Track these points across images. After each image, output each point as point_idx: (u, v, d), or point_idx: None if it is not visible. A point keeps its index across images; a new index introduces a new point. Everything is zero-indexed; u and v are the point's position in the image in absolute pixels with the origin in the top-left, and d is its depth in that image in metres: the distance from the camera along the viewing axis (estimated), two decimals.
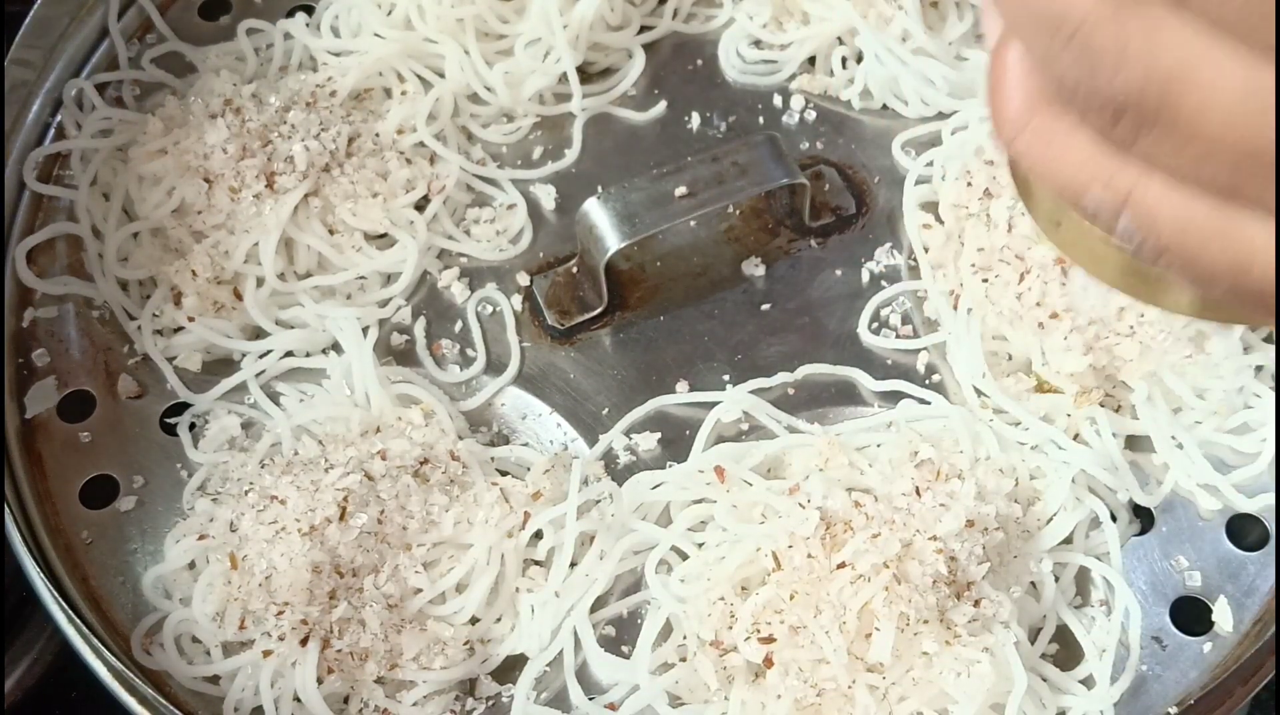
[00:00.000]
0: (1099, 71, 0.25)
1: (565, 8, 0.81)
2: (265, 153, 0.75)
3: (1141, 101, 0.25)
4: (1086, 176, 0.28)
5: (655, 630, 0.64)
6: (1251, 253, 0.27)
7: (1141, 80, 0.25)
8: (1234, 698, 0.61)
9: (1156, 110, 0.25)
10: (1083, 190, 0.29)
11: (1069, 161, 0.28)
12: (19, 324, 0.75)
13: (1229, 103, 0.25)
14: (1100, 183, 0.28)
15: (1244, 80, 0.25)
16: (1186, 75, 0.25)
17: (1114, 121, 0.26)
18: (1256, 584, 0.66)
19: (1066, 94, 0.27)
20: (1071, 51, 0.26)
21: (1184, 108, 0.25)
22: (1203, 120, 0.25)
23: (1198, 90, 0.25)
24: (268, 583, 0.63)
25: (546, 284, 0.77)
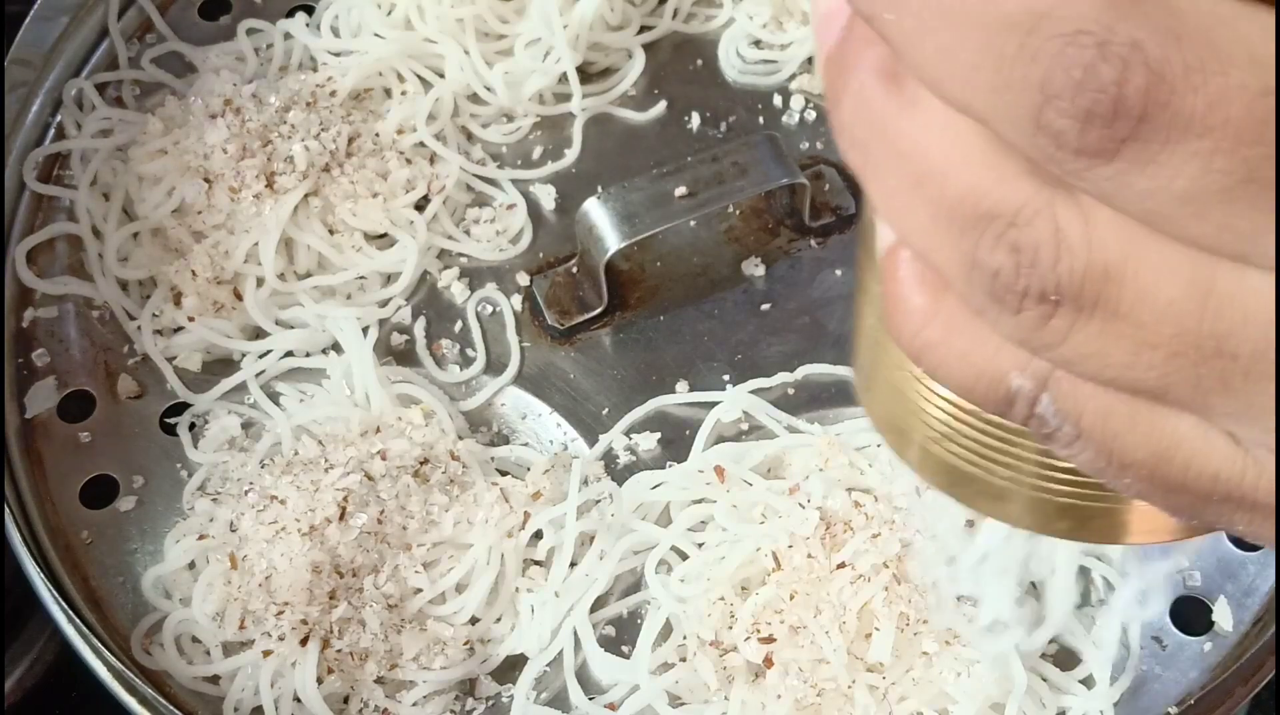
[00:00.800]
0: (1038, 261, 0.24)
1: (565, 8, 0.81)
2: (265, 153, 0.75)
3: (1081, 292, 0.23)
4: (1005, 363, 0.26)
5: (655, 630, 0.64)
6: (1176, 442, 0.26)
7: (1081, 267, 0.23)
8: (1234, 697, 0.61)
9: (1095, 300, 0.24)
10: (1000, 378, 0.26)
11: (984, 354, 0.26)
12: (19, 324, 0.75)
13: (1169, 298, 0.23)
14: (1019, 368, 0.26)
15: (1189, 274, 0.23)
16: (1127, 264, 0.23)
17: (1047, 318, 0.24)
18: (1256, 584, 0.66)
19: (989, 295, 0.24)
20: (1004, 246, 0.24)
21: (1123, 305, 0.24)
22: (1143, 315, 0.24)
23: (1139, 284, 0.23)
24: (268, 583, 0.63)
25: (546, 284, 0.77)
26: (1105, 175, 0.22)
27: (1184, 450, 0.26)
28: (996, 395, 0.27)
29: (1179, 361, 0.24)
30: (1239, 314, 0.23)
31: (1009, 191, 0.24)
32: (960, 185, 0.24)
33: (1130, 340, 0.24)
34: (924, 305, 0.27)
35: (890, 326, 0.28)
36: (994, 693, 0.60)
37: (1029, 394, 0.26)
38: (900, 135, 0.25)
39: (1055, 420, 0.26)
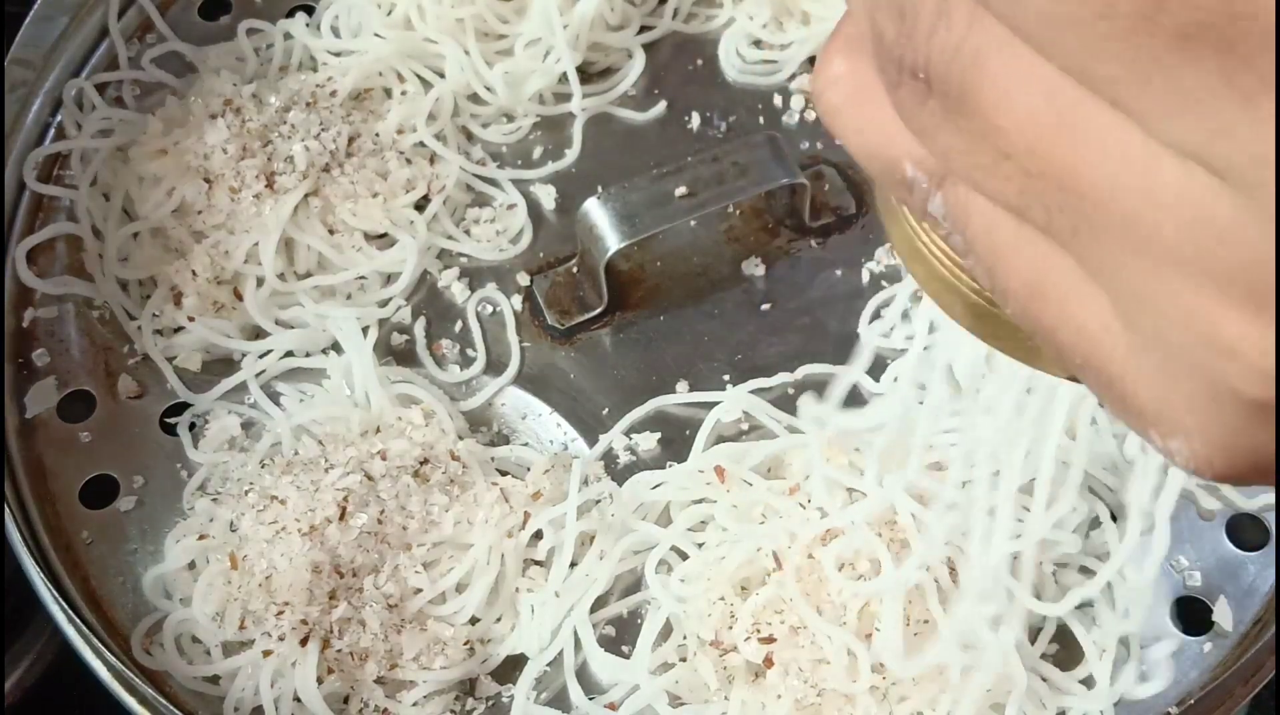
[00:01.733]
0: (915, 30, 0.23)
1: (565, 8, 0.81)
2: (265, 153, 0.75)
3: (947, 76, 0.22)
4: (901, 149, 0.25)
5: (655, 630, 0.64)
6: (1051, 279, 0.24)
7: (953, 52, 0.22)
8: (1234, 698, 0.61)
9: (960, 93, 0.22)
10: (895, 161, 0.26)
11: (883, 131, 0.25)
12: (19, 324, 0.75)
13: (1028, 107, 0.22)
14: (914, 157, 0.25)
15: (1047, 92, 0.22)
16: (993, 65, 0.22)
17: (923, 97, 0.23)
18: (1257, 584, 0.66)
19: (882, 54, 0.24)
20: (893, 9, 0.23)
21: (984, 99, 0.22)
22: (999, 117, 0.22)
23: (1001, 83, 0.22)
24: (268, 583, 0.63)
25: (546, 284, 0.77)
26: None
27: (1057, 290, 0.24)
28: (892, 177, 0.26)
29: (1034, 182, 0.23)
30: (1092, 153, 0.22)
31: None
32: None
33: (990, 145, 0.23)
34: (841, 64, 0.26)
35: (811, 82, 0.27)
36: (995, 693, 0.60)
37: (923, 187, 0.26)
38: None
39: (946, 224, 0.26)
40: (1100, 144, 0.22)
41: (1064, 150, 0.22)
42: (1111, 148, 0.22)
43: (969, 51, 0.22)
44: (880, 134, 0.26)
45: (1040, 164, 0.22)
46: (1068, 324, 0.24)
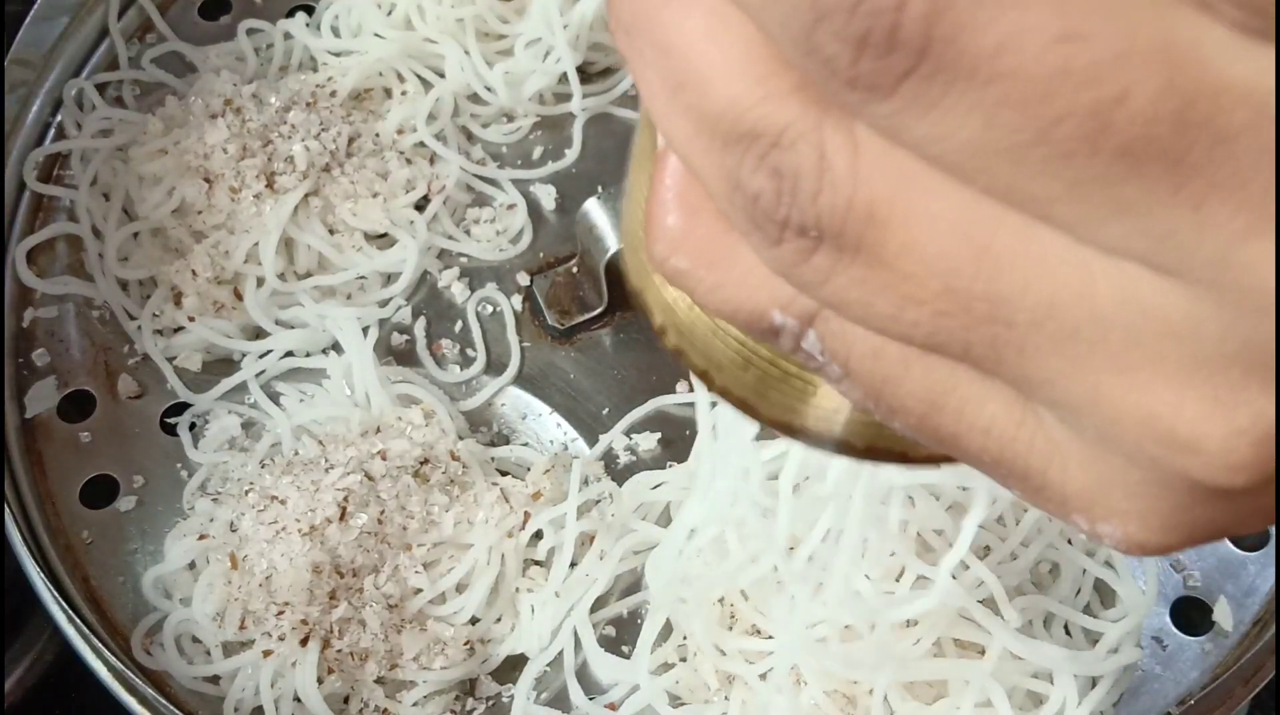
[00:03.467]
0: (798, 189, 0.21)
1: (565, 8, 0.81)
2: (265, 153, 0.75)
3: (842, 232, 0.21)
4: (766, 298, 0.23)
5: (655, 630, 0.64)
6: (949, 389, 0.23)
7: (845, 205, 0.21)
8: (1234, 698, 0.61)
9: (857, 247, 0.21)
10: (761, 312, 0.24)
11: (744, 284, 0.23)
12: (19, 324, 0.75)
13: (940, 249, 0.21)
14: (781, 303, 0.23)
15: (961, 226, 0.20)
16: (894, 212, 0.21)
17: (808, 254, 0.21)
18: (1257, 584, 0.66)
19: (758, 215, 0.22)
20: (765, 169, 0.21)
21: (887, 249, 0.21)
22: (907, 265, 0.21)
23: (906, 230, 0.21)
24: (268, 583, 0.63)
25: (547, 284, 0.77)
26: (881, 113, 0.19)
27: (957, 400, 0.23)
28: (759, 327, 0.24)
29: (947, 321, 0.21)
30: (1018, 278, 0.21)
31: (774, 109, 0.21)
32: (722, 95, 0.21)
33: (895, 292, 0.21)
34: (679, 225, 0.24)
35: (645, 246, 0.25)
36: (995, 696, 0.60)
37: (794, 329, 0.24)
38: (665, 26, 0.22)
39: (822, 358, 0.24)
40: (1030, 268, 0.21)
41: (986, 283, 0.21)
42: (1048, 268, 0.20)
43: (863, 202, 0.21)
44: (740, 289, 0.24)
45: (958, 303, 0.21)
46: (972, 429, 0.23)
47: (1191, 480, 0.21)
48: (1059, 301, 0.21)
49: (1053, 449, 0.23)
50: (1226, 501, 0.22)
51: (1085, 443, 0.23)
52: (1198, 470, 0.21)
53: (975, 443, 0.24)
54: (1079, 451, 0.23)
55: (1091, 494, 0.23)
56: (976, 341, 0.21)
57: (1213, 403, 0.21)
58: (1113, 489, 0.23)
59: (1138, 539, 0.23)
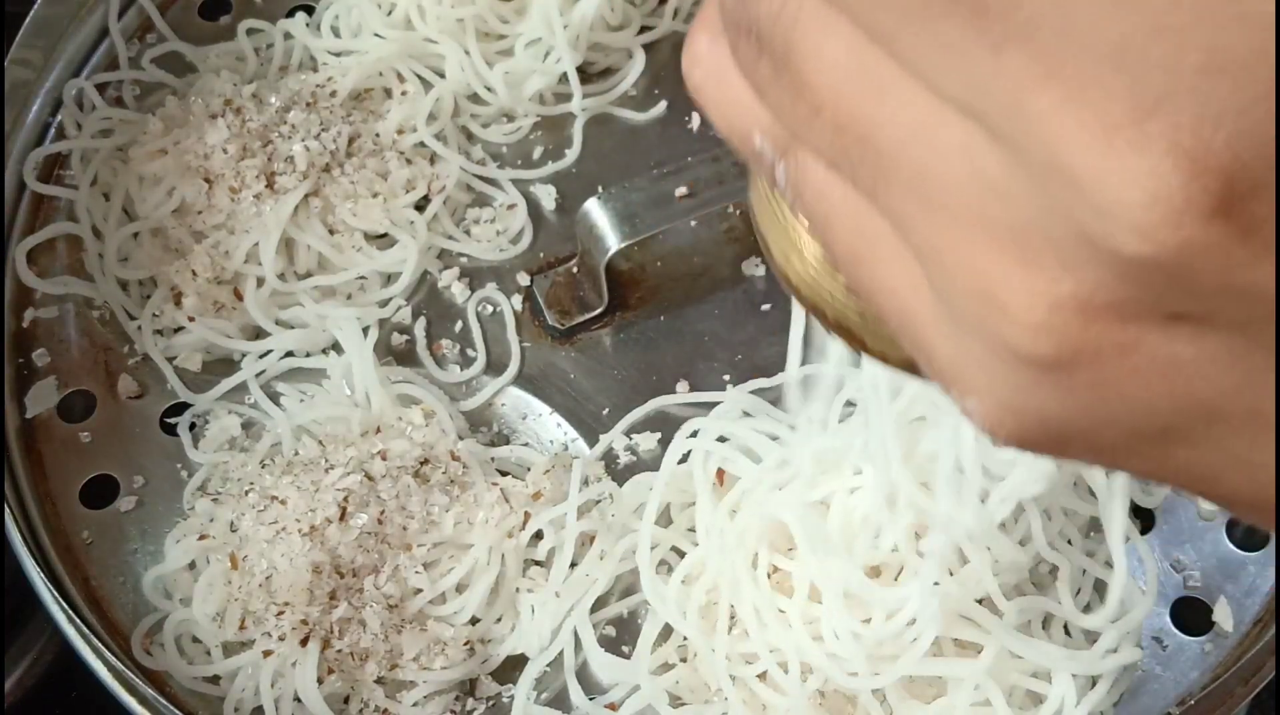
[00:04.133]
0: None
1: (565, 8, 0.81)
2: (265, 153, 0.75)
3: (772, 35, 0.24)
4: (751, 119, 0.26)
5: (655, 631, 0.64)
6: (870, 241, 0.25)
7: (777, 10, 0.24)
8: (1234, 698, 0.61)
9: (784, 50, 0.23)
10: (746, 132, 0.27)
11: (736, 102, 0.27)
12: (19, 324, 0.75)
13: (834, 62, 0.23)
14: (762, 128, 0.26)
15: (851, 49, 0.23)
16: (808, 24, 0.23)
17: (756, 56, 0.25)
18: (1257, 584, 0.66)
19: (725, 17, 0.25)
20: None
21: (799, 55, 0.24)
22: (811, 73, 0.24)
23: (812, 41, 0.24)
24: (268, 583, 0.63)
25: (547, 284, 0.77)
26: None
27: (873, 253, 0.25)
28: (746, 149, 0.27)
29: (840, 137, 0.24)
30: (886, 110, 0.23)
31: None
32: None
33: (806, 100, 0.24)
34: (703, 44, 0.27)
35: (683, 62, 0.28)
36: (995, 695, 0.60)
37: (770, 158, 0.27)
38: None
39: (789, 193, 0.27)
40: (892, 98, 0.23)
41: (863, 104, 0.23)
42: (902, 102, 0.22)
43: (790, 12, 0.24)
44: (735, 106, 0.27)
45: (844, 117, 0.23)
46: (883, 286, 0.25)
47: (1010, 347, 0.22)
48: (913, 137, 0.22)
49: (934, 316, 0.24)
50: (1056, 388, 0.23)
51: (944, 305, 0.24)
52: (1007, 331, 0.22)
53: (885, 303, 0.25)
54: (945, 320, 0.24)
55: (955, 365, 0.24)
56: (858, 162, 0.24)
57: (1020, 265, 0.22)
58: (967, 359, 0.24)
59: (994, 416, 0.24)
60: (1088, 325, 0.21)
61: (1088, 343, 0.22)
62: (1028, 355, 0.22)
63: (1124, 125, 0.19)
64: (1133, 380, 0.22)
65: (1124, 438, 0.23)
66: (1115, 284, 0.21)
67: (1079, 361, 0.22)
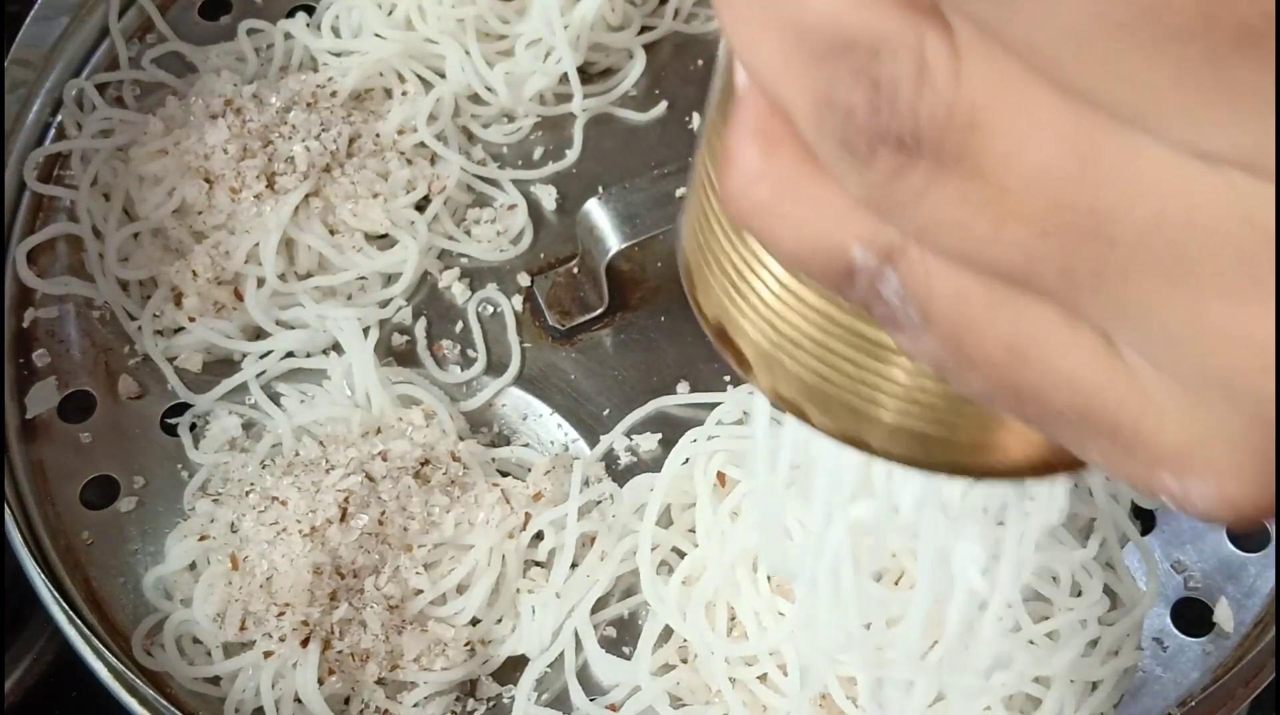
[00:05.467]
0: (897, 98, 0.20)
1: (566, 8, 0.81)
2: (266, 153, 0.75)
3: (944, 139, 0.20)
4: (848, 230, 0.22)
5: (656, 631, 0.64)
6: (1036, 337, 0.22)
7: (946, 112, 0.20)
8: (1235, 699, 0.61)
9: (958, 156, 0.20)
10: (840, 248, 0.23)
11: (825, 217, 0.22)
12: (19, 324, 0.75)
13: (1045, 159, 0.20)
14: (864, 238, 0.22)
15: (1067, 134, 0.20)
16: (997, 118, 0.20)
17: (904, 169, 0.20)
18: (1257, 585, 0.67)
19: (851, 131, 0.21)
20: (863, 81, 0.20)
21: (988, 159, 0.20)
22: (1008, 177, 0.20)
23: (1009, 137, 0.20)
24: (269, 584, 0.63)
25: (547, 284, 0.77)
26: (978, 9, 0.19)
27: (1043, 347, 0.22)
28: (835, 268, 0.23)
29: (1049, 242, 0.20)
30: (1125, 190, 0.19)
31: (874, 18, 0.20)
32: (819, 6, 0.20)
33: (995, 208, 0.20)
34: (758, 158, 0.23)
35: (719, 184, 0.24)
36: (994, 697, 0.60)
37: (873, 269, 0.22)
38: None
39: (900, 303, 0.23)
40: (1137, 178, 0.19)
41: (1091, 196, 0.20)
42: (1152, 178, 0.19)
43: (965, 108, 0.20)
44: (821, 224, 0.23)
45: (1062, 219, 0.20)
46: (1059, 381, 0.22)
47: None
48: (1166, 214, 0.19)
49: (1145, 399, 0.22)
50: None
51: (1183, 388, 0.21)
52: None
53: (1061, 397, 0.22)
54: (1176, 400, 0.21)
55: (1187, 447, 0.22)
56: (1079, 264, 0.20)
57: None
58: (1212, 440, 0.21)
59: (1233, 495, 0.22)
60: None
61: None
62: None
63: None
64: None
65: None
66: None
67: None
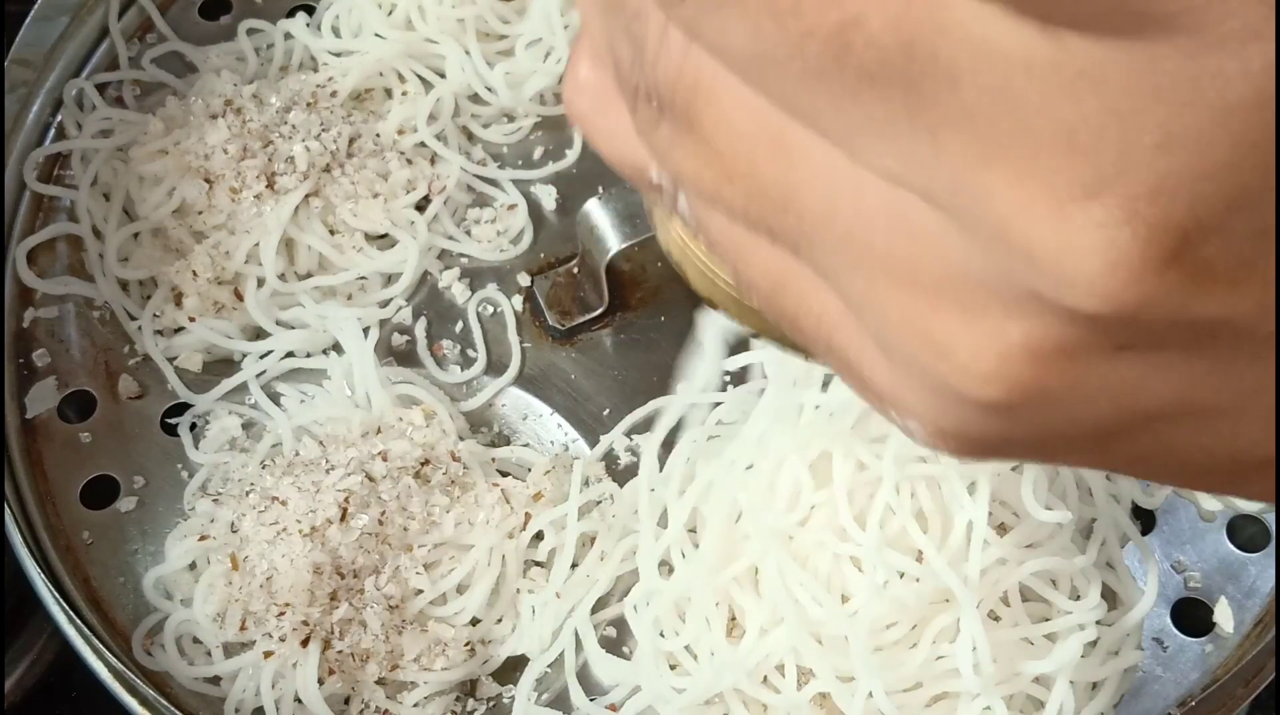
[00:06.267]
0: (643, 57, 0.24)
1: (566, 8, 0.81)
2: (266, 153, 0.75)
3: (673, 102, 0.24)
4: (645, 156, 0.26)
5: (657, 631, 0.64)
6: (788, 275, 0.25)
7: (675, 77, 0.23)
8: (1235, 699, 0.61)
9: (686, 118, 0.24)
10: (642, 167, 0.27)
11: (628, 138, 0.26)
12: (19, 324, 0.75)
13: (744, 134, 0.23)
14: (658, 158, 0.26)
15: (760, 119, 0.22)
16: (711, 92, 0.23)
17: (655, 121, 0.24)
18: (1257, 585, 0.67)
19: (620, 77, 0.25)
20: (627, 35, 0.24)
21: (706, 125, 0.24)
22: (720, 143, 0.24)
23: (718, 111, 0.23)
24: (269, 584, 0.63)
25: (547, 284, 0.77)
26: (683, 14, 0.22)
27: (794, 284, 0.25)
28: (642, 181, 0.27)
29: (756, 202, 0.24)
30: (804, 176, 0.23)
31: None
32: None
33: (716, 167, 0.24)
34: (586, 71, 0.27)
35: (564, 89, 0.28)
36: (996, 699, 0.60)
37: (669, 189, 0.26)
38: None
39: (692, 224, 0.26)
40: (811, 168, 0.23)
41: (780, 174, 0.23)
42: (822, 171, 0.23)
43: (689, 78, 0.23)
44: (627, 142, 0.26)
45: (760, 186, 0.23)
46: (808, 314, 0.25)
47: (955, 390, 0.23)
48: (837, 205, 0.23)
49: (863, 345, 0.25)
50: (1002, 418, 0.23)
51: (882, 346, 0.24)
52: (955, 379, 0.23)
53: (810, 328, 0.26)
54: (880, 355, 0.25)
55: (894, 392, 0.25)
56: (779, 227, 0.24)
57: (962, 316, 0.22)
58: (905, 390, 0.24)
59: (936, 439, 0.25)
60: (1037, 369, 0.22)
61: (1035, 385, 0.22)
62: (974, 400, 0.23)
63: (1078, 198, 0.20)
64: (1077, 404, 0.23)
65: (1064, 443, 0.24)
66: (1065, 331, 0.21)
67: (1029, 402, 0.23)
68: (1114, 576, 0.65)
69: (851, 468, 0.61)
